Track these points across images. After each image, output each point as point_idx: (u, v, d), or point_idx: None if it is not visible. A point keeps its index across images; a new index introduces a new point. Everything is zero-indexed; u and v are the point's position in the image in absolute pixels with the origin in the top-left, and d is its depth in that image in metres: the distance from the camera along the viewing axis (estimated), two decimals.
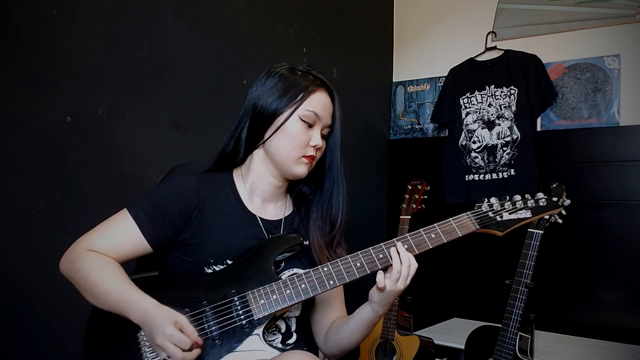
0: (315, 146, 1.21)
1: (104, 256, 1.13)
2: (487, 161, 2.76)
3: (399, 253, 1.14)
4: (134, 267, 1.27)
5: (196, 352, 1.05)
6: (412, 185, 2.41)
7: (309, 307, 1.32)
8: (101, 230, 1.16)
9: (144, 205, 1.17)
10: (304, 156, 1.21)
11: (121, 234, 1.15)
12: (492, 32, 2.79)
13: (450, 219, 1.20)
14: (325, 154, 1.27)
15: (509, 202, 1.24)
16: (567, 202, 1.79)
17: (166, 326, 1.02)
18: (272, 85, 1.22)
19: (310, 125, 1.21)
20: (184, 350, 1.02)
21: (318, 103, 1.21)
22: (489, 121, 2.75)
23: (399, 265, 1.13)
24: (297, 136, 1.20)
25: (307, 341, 1.31)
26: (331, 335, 1.29)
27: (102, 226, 1.17)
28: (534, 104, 2.63)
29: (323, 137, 1.24)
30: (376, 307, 1.18)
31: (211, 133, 2.05)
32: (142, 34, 1.89)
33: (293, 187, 1.32)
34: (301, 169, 1.22)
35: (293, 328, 1.26)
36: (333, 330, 1.29)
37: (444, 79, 2.92)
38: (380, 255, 1.16)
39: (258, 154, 1.25)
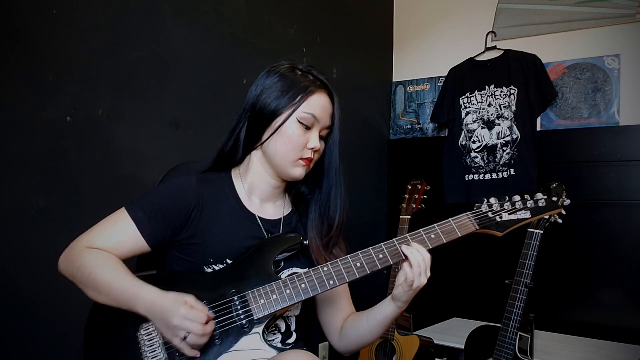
0: (313, 149, 1.20)
1: (105, 252, 1.13)
2: (487, 161, 2.75)
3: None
4: (134, 266, 1.27)
5: (212, 325, 1.07)
6: (412, 185, 2.41)
7: (309, 306, 1.31)
8: (100, 229, 1.16)
9: (143, 205, 1.17)
10: (301, 159, 1.20)
11: (120, 233, 1.15)
12: (492, 32, 2.79)
13: (450, 219, 1.20)
14: (324, 155, 1.26)
15: (508, 203, 1.24)
16: (567, 202, 1.79)
17: (179, 307, 1.04)
18: (272, 85, 1.21)
19: (308, 128, 1.20)
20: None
21: (317, 105, 1.20)
22: (489, 121, 2.75)
23: (419, 259, 1.14)
24: (294, 138, 1.19)
25: (307, 341, 1.31)
26: (348, 332, 1.29)
27: (101, 225, 1.17)
28: (534, 104, 2.63)
29: (322, 138, 1.24)
30: (400, 304, 1.18)
31: (211, 133, 2.05)
32: (142, 34, 1.89)
33: (292, 187, 1.32)
34: (298, 172, 1.21)
35: (293, 327, 1.26)
36: (350, 327, 1.29)
37: (444, 79, 2.92)
38: (381, 256, 1.16)
39: (256, 155, 1.25)
